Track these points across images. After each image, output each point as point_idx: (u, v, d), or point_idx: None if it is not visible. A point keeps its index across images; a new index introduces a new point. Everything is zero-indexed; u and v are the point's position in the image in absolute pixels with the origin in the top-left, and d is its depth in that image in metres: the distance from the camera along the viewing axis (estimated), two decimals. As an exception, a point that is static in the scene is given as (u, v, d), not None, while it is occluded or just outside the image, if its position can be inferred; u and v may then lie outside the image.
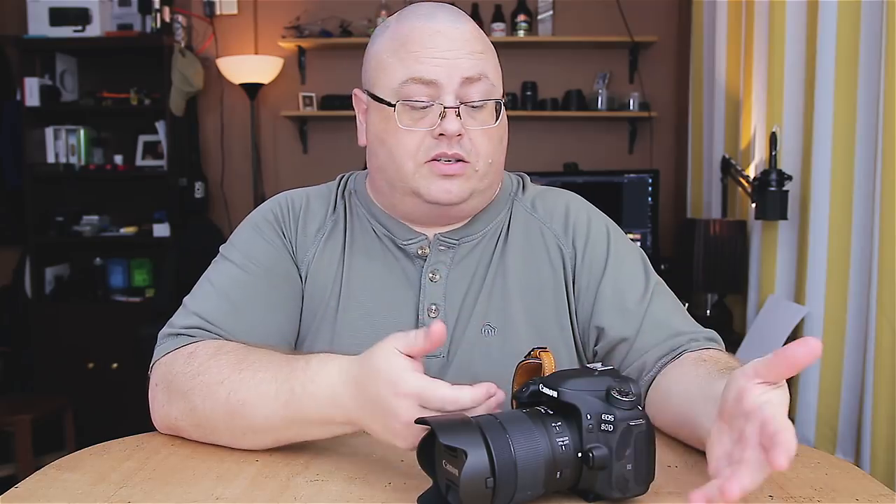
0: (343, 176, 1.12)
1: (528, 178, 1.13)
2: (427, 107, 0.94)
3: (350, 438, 0.83)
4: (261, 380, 0.82)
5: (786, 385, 0.65)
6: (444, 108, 0.93)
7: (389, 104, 0.95)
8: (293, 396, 0.79)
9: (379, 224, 1.04)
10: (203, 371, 0.85)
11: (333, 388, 0.77)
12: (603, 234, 1.05)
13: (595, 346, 1.01)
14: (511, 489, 0.64)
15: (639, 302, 0.99)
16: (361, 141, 1.04)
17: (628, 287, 1.01)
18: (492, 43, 1.02)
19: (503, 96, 1.00)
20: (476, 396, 0.70)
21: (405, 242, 1.03)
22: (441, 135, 0.94)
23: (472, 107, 0.95)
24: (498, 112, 0.98)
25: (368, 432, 0.77)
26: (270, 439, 0.82)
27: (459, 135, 0.94)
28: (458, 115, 0.94)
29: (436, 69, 0.94)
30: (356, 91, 1.04)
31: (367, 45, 1.03)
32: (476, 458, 0.63)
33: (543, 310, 1.02)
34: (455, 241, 1.03)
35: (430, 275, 1.01)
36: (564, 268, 1.03)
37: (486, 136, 0.97)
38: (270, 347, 0.90)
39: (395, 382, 0.71)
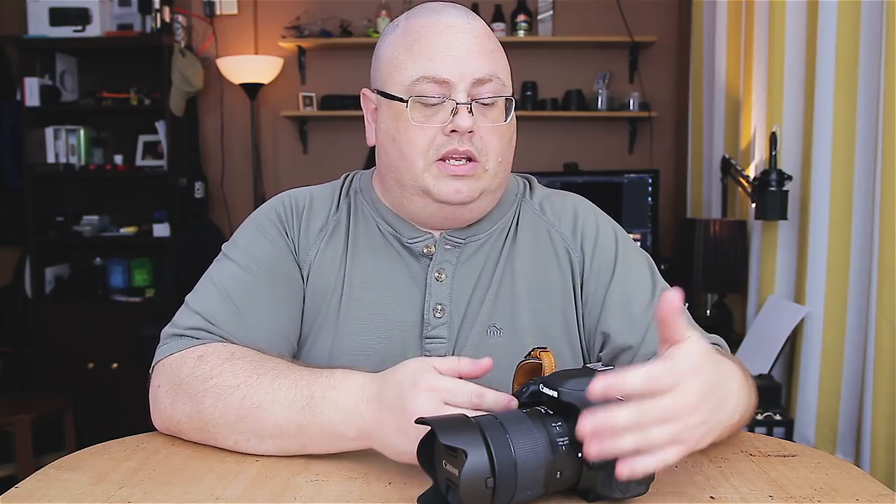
0: (347, 175, 1.11)
1: (535, 180, 1.13)
2: (438, 103, 0.94)
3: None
4: (280, 385, 0.82)
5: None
6: (457, 104, 0.93)
7: (402, 100, 0.95)
8: (311, 402, 0.80)
9: (384, 222, 1.03)
10: (216, 374, 0.85)
11: (355, 397, 0.78)
12: (611, 238, 1.05)
13: (600, 351, 1.01)
14: (511, 489, 0.64)
15: (645, 309, 0.99)
16: (370, 141, 1.03)
17: (635, 294, 1.00)
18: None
19: (513, 94, 1.00)
20: (498, 402, 0.73)
21: (411, 241, 1.02)
22: (453, 131, 0.93)
23: (483, 104, 0.95)
24: (508, 110, 0.98)
25: (380, 448, 0.77)
26: (274, 447, 0.82)
27: (471, 132, 0.93)
28: (471, 111, 0.93)
29: (448, 68, 0.93)
30: (364, 91, 1.04)
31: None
32: (476, 458, 0.63)
33: (550, 312, 1.01)
34: (461, 240, 1.02)
35: (437, 274, 1.00)
36: (573, 271, 1.03)
37: (496, 135, 0.96)
38: (278, 354, 0.91)
39: (416, 381, 0.74)
